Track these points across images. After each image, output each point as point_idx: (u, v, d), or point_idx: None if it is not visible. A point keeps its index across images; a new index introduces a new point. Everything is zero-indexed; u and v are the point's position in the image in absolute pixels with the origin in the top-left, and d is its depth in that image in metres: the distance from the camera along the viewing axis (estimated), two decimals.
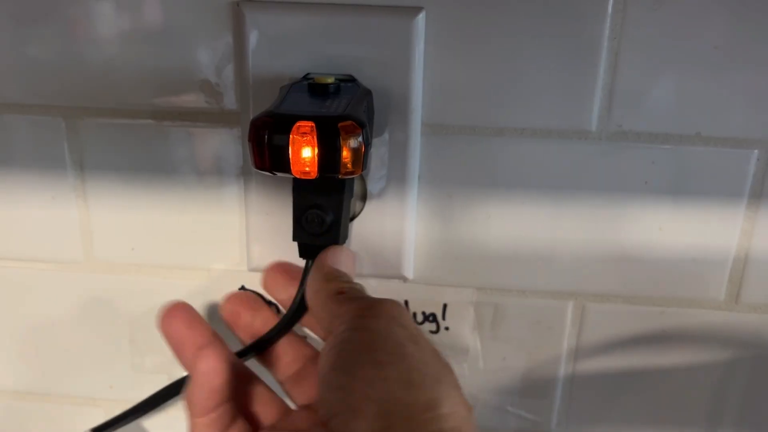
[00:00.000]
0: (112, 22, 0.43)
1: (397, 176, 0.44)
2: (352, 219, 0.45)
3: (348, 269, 0.39)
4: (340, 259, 0.39)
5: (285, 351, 0.41)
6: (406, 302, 0.49)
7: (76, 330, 0.52)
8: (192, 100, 0.45)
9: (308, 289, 0.38)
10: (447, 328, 0.49)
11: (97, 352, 0.53)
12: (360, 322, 0.32)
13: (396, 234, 0.46)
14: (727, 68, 0.41)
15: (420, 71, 0.42)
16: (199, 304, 0.49)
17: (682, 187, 0.44)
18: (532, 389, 0.50)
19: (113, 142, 0.46)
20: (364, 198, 0.45)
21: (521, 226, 0.46)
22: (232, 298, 0.43)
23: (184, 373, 0.38)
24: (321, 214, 0.38)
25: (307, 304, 0.38)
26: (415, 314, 0.49)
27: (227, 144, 0.46)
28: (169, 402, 0.43)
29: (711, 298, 0.47)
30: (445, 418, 0.29)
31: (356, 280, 0.37)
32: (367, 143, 0.35)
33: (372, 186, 0.44)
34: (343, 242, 0.40)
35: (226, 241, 0.48)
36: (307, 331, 0.43)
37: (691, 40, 0.41)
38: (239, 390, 0.39)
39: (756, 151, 0.43)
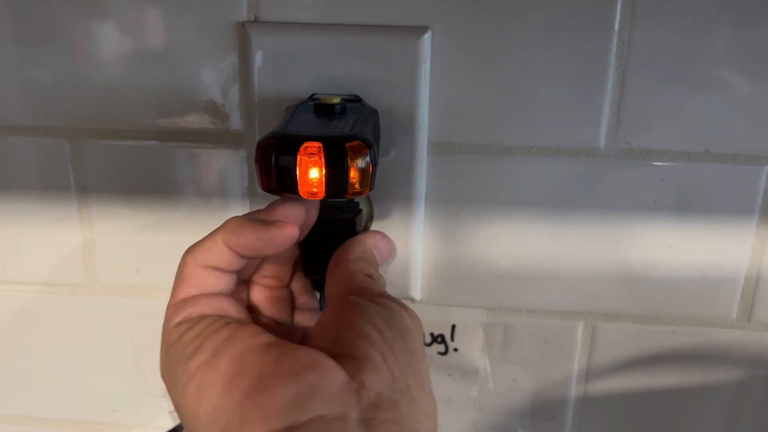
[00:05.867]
0: (117, 43, 0.43)
1: (404, 196, 0.44)
2: None
3: (381, 260, 0.41)
4: (378, 244, 0.41)
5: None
6: None
7: (79, 354, 0.52)
8: (197, 120, 0.45)
9: (337, 255, 0.39)
10: (456, 350, 0.48)
11: (100, 376, 0.52)
12: (396, 308, 0.34)
13: (403, 254, 0.45)
14: (735, 84, 0.41)
15: (426, 90, 0.42)
16: None
17: (692, 204, 0.44)
18: (543, 410, 0.50)
19: (118, 163, 0.46)
20: (370, 218, 0.44)
21: (530, 245, 0.45)
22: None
23: None
24: (328, 243, 0.40)
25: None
26: (423, 335, 0.48)
27: (232, 165, 0.46)
28: None
29: (723, 317, 0.46)
30: (432, 421, 0.31)
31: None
32: (375, 163, 0.35)
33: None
34: None
35: None
36: None
37: (699, 57, 0.41)
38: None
39: (766, 167, 0.43)
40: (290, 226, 0.33)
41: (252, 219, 0.34)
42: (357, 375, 0.29)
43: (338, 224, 0.40)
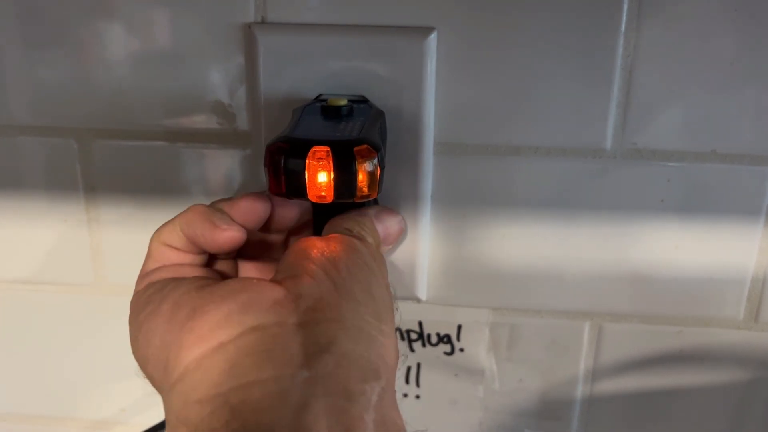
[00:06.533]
0: (125, 44, 0.44)
1: (410, 196, 0.44)
2: None
3: (386, 233, 0.40)
4: (383, 217, 0.40)
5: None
6: (420, 323, 0.48)
7: (88, 353, 0.52)
8: (204, 121, 0.45)
9: (330, 220, 0.38)
10: (462, 350, 0.49)
11: (108, 375, 0.52)
12: (352, 238, 0.35)
13: (409, 254, 0.45)
14: (742, 84, 0.41)
15: (432, 91, 0.42)
16: None
17: (698, 205, 0.44)
18: (550, 411, 0.50)
19: (125, 163, 0.46)
20: None
21: (536, 246, 0.45)
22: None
23: None
24: None
25: None
26: (429, 335, 0.48)
27: (239, 165, 0.46)
28: None
29: (729, 317, 0.46)
30: (382, 332, 0.31)
31: None
32: (383, 166, 0.35)
33: None
34: None
35: None
36: None
37: (706, 57, 0.41)
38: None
39: None
40: (233, 230, 0.35)
41: (209, 213, 0.35)
42: (294, 288, 0.30)
43: (349, 205, 0.40)
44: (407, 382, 0.50)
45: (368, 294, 0.32)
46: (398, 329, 0.49)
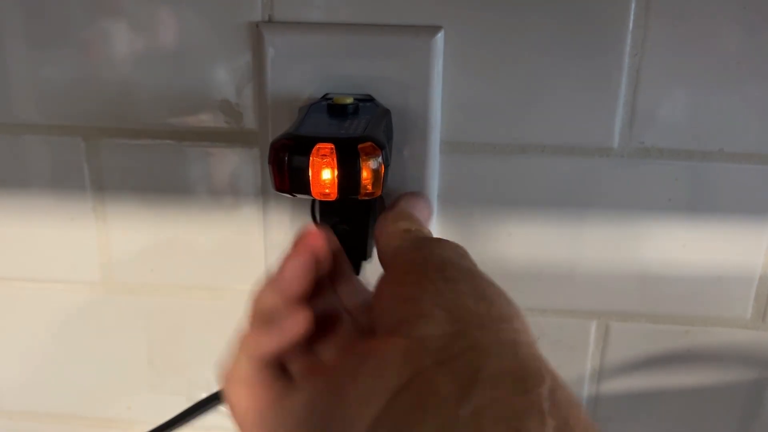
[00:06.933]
0: (132, 43, 0.44)
1: None
2: None
3: (422, 215, 0.38)
4: (414, 204, 0.39)
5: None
6: None
7: (94, 351, 0.52)
8: (211, 119, 0.45)
9: (377, 226, 0.36)
10: None
11: (114, 373, 0.53)
12: (427, 247, 0.32)
13: None
14: (749, 84, 0.41)
15: (439, 90, 0.42)
16: (217, 325, 0.49)
17: (706, 204, 0.44)
18: None
19: (133, 162, 0.47)
20: None
21: (543, 245, 0.45)
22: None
23: (203, 395, 0.38)
24: (346, 229, 0.39)
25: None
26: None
27: (246, 163, 0.46)
28: (191, 423, 0.43)
29: (737, 317, 0.46)
30: (518, 332, 0.28)
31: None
32: (387, 164, 0.35)
33: None
34: (369, 257, 0.40)
35: (245, 260, 0.48)
36: None
37: (714, 56, 0.41)
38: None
39: None
40: (296, 315, 0.32)
41: (265, 324, 0.33)
42: (412, 332, 0.28)
43: (354, 210, 0.39)
44: None
45: (482, 299, 0.29)
46: None
